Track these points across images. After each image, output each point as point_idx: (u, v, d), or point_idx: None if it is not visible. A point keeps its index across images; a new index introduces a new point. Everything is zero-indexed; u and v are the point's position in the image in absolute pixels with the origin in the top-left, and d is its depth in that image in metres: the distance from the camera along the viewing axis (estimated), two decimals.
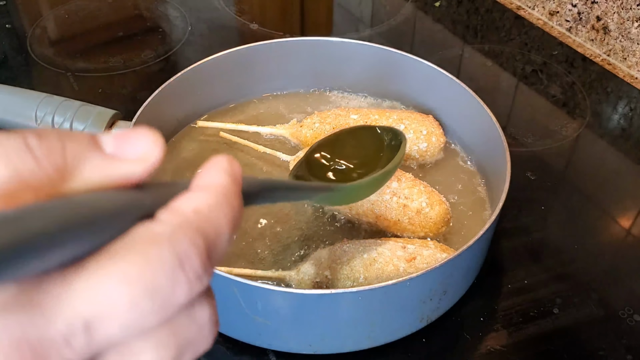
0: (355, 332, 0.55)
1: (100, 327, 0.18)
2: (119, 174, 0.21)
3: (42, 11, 1.07)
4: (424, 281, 0.52)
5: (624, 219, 0.73)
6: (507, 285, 0.64)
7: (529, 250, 0.68)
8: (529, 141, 0.82)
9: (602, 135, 0.85)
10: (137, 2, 1.09)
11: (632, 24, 0.91)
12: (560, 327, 0.60)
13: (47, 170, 0.19)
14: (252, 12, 1.07)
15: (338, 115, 0.72)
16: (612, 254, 0.70)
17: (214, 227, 0.21)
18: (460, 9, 1.09)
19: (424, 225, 0.63)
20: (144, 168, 0.22)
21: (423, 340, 0.59)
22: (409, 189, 0.63)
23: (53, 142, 0.20)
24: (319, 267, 0.57)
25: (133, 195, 0.21)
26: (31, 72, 0.95)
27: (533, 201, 0.74)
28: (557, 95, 0.90)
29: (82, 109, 0.65)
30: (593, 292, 0.64)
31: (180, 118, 0.75)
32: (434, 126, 0.71)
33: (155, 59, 0.95)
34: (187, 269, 0.20)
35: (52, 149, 0.20)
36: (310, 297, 0.51)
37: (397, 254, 0.57)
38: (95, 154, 0.21)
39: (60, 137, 0.20)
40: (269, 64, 0.80)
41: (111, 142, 0.22)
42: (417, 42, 1.03)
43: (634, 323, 0.61)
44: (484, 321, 0.61)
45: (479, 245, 0.56)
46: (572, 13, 1.00)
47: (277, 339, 0.55)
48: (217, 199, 0.22)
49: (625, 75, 0.94)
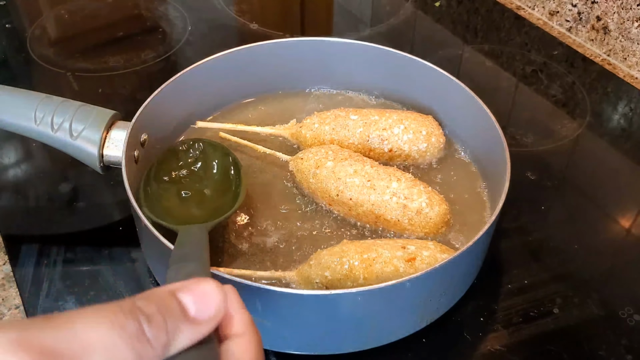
0: (355, 332, 0.55)
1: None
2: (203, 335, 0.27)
3: (42, 11, 1.07)
4: (423, 282, 0.52)
5: (624, 219, 0.73)
6: (507, 285, 0.64)
7: (529, 250, 0.68)
8: (529, 141, 0.82)
9: (602, 135, 0.85)
10: (137, 2, 1.09)
11: (632, 24, 0.91)
12: (560, 327, 0.60)
13: (157, 351, 0.25)
14: (252, 12, 1.07)
15: (338, 116, 0.72)
16: (612, 254, 0.70)
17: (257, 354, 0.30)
18: (460, 9, 1.09)
19: (424, 226, 0.63)
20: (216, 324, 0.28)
21: (423, 340, 0.59)
22: (409, 189, 0.63)
23: (160, 323, 0.25)
24: (319, 267, 0.57)
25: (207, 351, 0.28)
26: (31, 72, 0.95)
27: (533, 201, 0.74)
28: (557, 95, 0.90)
29: (81, 109, 0.65)
30: (593, 292, 0.64)
31: (180, 118, 0.75)
32: (434, 126, 0.71)
33: (155, 59, 0.95)
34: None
35: (159, 330, 0.25)
36: (310, 298, 0.51)
37: (397, 254, 0.57)
38: (185, 324, 0.27)
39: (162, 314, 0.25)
40: (269, 64, 0.80)
41: (192, 303, 0.27)
42: (417, 42, 1.03)
43: (634, 323, 0.61)
44: (484, 321, 0.61)
45: (479, 245, 0.56)
46: (572, 13, 1.00)
47: (277, 340, 0.55)
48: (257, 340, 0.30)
49: (625, 75, 0.94)
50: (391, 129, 0.70)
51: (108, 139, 0.64)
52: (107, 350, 0.23)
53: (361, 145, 0.71)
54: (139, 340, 0.24)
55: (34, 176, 0.78)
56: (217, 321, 0.28)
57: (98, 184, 0.74)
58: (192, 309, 0.27)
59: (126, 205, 0.59)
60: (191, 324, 0.27)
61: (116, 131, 0.64)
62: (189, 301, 0.27)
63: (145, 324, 0.25)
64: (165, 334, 0.25)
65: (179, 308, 0.27)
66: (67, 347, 0.22)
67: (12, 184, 0.77)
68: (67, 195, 0.74)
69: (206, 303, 0.28)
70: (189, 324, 0.27)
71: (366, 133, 0.70)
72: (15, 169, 0.79)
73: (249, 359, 0.29)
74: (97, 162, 0.64)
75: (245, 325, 0.30)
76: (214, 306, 0.28)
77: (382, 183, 0.63)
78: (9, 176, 0.78)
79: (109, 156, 0.64)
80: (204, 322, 0.27)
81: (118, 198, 0.73)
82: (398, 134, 0.70)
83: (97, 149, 0.64)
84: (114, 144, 0.64)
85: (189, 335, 0.27)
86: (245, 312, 0.31)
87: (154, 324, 0.25)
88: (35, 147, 0.79)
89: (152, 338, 0.25)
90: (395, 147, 0.70)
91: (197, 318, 0.27)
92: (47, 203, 0.74)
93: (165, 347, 0.25)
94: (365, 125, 0.71)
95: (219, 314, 0.28)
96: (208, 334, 0.28)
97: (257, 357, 0.30)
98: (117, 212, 0.71)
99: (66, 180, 0.76)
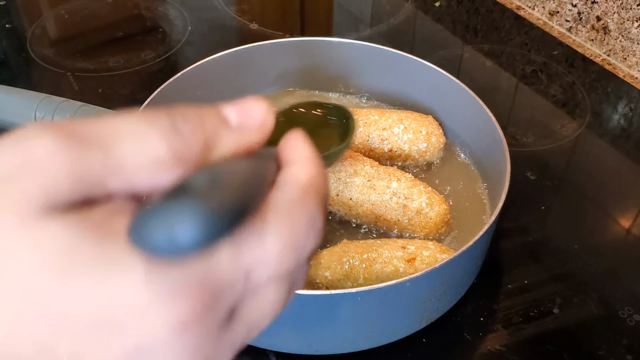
0: (355, 332, 0.55)
1: (254, 274, 0.23)
2: (246, 143, 0.25)
3: (42, 11, 1.07)
4: (423, 282, 0.52)
5: (624, 219, 0.73)
6: (507, 285, 0.64)
7: (529, 250, 0.68)
8: (529, 141, 0.82)
9: (602, 135, 0.85)
10: (137, 2, 1.09)
11: (632, 24, 0.91)
12: (560, 327, 0.60)
13: (193, 148, 0.23)
14: (252, 12, 1.07)
15: None
16: (612, 254, 0.69)
17: (324, 190, 0.26)
18: (460, 9, 1.09)
19: (424, 226, 0.63)
20: (264, 135, 0.26)
21: (423, 340, 0.59)
22: (409, 189, 0.63)
23: (196, 121, 0.23)
24: (319, 267, 0.57)
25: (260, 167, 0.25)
26: (31, 72, 0.95)
27: (533, 201, 0.74)
28: (557, 95, 0.90)
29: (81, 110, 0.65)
30: (593, 292, 0.64)
31: None
32: (433, 126, 0.71)
33: (155, 59, 0.95)
34: (316, 226, 0.25)
35: (196, 128, 0.23)
36: (310, 298, 0.51)
37: (397, 254, 0.57)
38: (226, 129, 0.24)
39: (199, 117, 0.23)
40: (269, 64, 0.80)
41: (234, 114, 0.25)
42: (417, 42, 1.03)
43: (634, 323, 0.61)
44: (484, 321, 0.61)
45: (479, 245, 0.56)
46: (572, 13, 1.00)
47: (277, 340, 0.55)
48: (319, 169, 0.26)
49: (625, 75, 0.94)
50: (391, 129, 0.70)
51: None
52: (138, 137, 0.21)
53: (361, 145, 0.71)
54: (172, 132, 0.22)
55: None
56: (263, 131, 0.26)
57: None
58: (235, 118, 0.25)
59: None
60: (233, 130, 0.25)
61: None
62: (231, 112, 0.25)
63: (180, 120, 0.23)
64: (202, 132, 0.23)
65: (220, 115, 0.25)
66: (97, 132, 0.21)
67: None
68: None
69: (249, 113, 0.26)
70: (231, 130, 0.25)
71: (366, 133, 0.70)
72: None
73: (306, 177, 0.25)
74: None
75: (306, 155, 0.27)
76: (259, 115, 0.26)
77: (382, 183, 0.63)
78: None
79: None
80: (247, 130, 0.25)
81: None
82: (398, 134, 0.70)
83: None
84: None
85: (231, 141, 0.24)
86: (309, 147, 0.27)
87: (190, 121, 0.23)
88: None
89: (188, 133, 0.22)
90: (395, 147, 0.70)
91: (239, 126, 0.25)
92: None
93: (204, 147, 0.23)
94: (365, 125, 0.71)
95: (265, 124, 0.26)
96: (254, 144, 0.25)
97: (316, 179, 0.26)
98: None
99: None
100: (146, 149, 0.21)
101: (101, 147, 0.21)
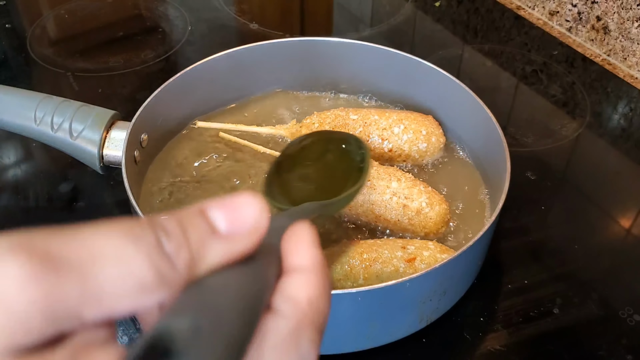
0: (355, 332, 0.55)
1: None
2: (237, 253, 0.23)
3: (42, 11, 1.07)
4: (423, 282, 0.52)
5: (624, 219, 0.73)
6: (507, 285, 0.64)
7: (529, 250, 0.68)
8: (529, 141, 0.82)
9: (602, 135, 0.85)
10: (137, 2, 1.09)
11: (632, 24, 0.91)
12: (560, 327, 0.60)
13: (180, 269, 0.21)
14: (252, 12, 1.07)
15: (337, 116, 0.72)
16: (612, 254, 0.69)
17: (324, 315, 0.24)
18: (460, 9, 1.09)
19: (424, 225, 0.63)
20: (256, 240, 0.23)
21: (423, 340, 0.59)
22: (409, 189, 0.63)
23: (179, 238, 0.21)
24: None
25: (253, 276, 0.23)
26: (31, 72, 0.95)
27: (533, 201, 0.74)
28: (557, 95, 0.90)
29: (81, 110, 0.65)
30: (593, 292, 0.64)
31: (180, 118, 0.75)
32: (433, 126, 0.71)
33: (155, 59, 0.95)
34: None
35: (180, 246, 0.21)
36: None
37: (397, 254, 0.57)
38: (214, 240, 0.22)
39: (182, 229, 0.21)
40: (269, 64, 0.80)
41: (222, 219, 0.23)
42: (417, 42, 1.03)
43: (634, 323, 0.61)
44: (484, 321, 0.61)
45: (479, 245, 0.56)
46: (572, 13, 1.00)
47: None
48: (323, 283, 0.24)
49: (625, 75, 0.94)
50: (391, 128, 0.70)
51: (108, 139, 0.64)
52: (121, 261, 0.19)
53: None
54: (157, 252, 0.20)
55: (34, 176, 0.78)
56: (256, 236, 0.23)
57: (98, 184, 0.74)
58: (222, 224, 0.23)
59: (126, 205, 0.59)
60: (221, 239, 0.22)
61: (116, 131, 0.64)
62: (218, 216, 0.23)
63: (163, 238, 0.21)
64: (187, 250, 0.21)
65: (205, 223, 0.22)
66: (75, 255, 0.19)
67: (12, 184, 0.77)
68: (67, 195, 0.74)
69: (240, 216, 0.23)
70: (218, 239, 0.22)
71: (366, 133, 0.70)
72: (15, 169, 0.79)
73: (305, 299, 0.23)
74: (97, 162, 0.64)
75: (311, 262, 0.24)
76: (250, 218, 0.23)
77: (382, 183, 0.63)
78: (9, 176, 0.78)
79: (109, 156, 0.64)
80: (237, 238, 0.23)
81: (118, 198, 0.73)
82: (398, 134, 0.70)
83: (97, 149, 0.64)
84: (114, 144, 0.64)
85: (220, 252, 0.22)
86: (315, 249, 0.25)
87: (173, 238, 0.21)
88: (35, 147, 0.79)
89: (172, 253, 0.21)
90: (395, 147, 0.70)
91: (229, 234, 0.23)
92: (47, 203, 0.74)
93: (190, 266, 0.21)
94: (365, 125, 0.71)
95: (258, 227, 0.23)
96: (246, 251, 0.23)
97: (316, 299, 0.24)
98: (117, 212, 0.71)
99: (66, 180, 0.76)
100: (130, 274, 0.19)
101: (80, 274, 0.19)
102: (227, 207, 0.23)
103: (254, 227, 0.23)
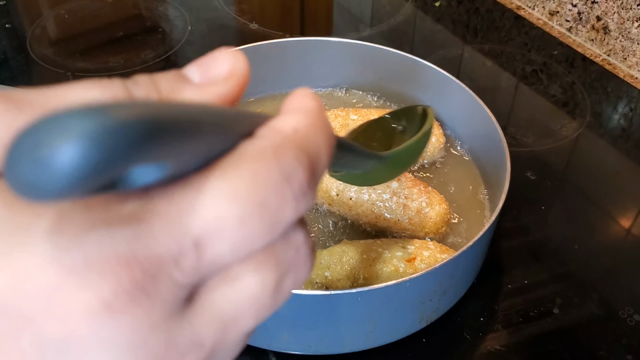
0: (355, 332, 0.55)
1: (210, 247, 0.17)
2: (215, 97, 0.21)
3: (42, 11, 1.07)
4: (423, 282, 0.52)
5: (624, 219, 0.73)
6: (507, 285, 0.64)
7: (529, 250, 0.68)
8: (529, 141, 0.82)
9: (602, 135, 0.85)
10: (137, 2, 1.09)
11: (632, 24, 0.91)
12: (560, 327, 0.60)
13: None
14: (252, 12, 1.07)
15: (337, 116, 0.72)
16: (612, 254, 0.69)
17: (313, 146, 0.20)
18: (460, 9, 1.09)
19: (424, 225, 0.63)
20: (236, 83, 0.22)
21: (423, 340, 0.59)
22: (409, 189, 0.63)
23: (149, 85, 0.20)
24: (319, 267, 0.57)
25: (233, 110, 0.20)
26: (31, 72, 0.95)
27: (533, 201, 0.74)
28: (557, 95, 0.90)
29: None
30: (593, 292, 0.64)
31: None
32: (433, 126, 0.71)
33: (155, 59, 0.95)
34: (294, 185, 0.19)
35: (149, 92, 0.20)
36: (310, 298, 0.51)
37: (397, 254, 0.57)
38: (186, 86, 0.21)
39: (152, 80, 0.20)
40: (269, 64, 0.80)
41: (196, 71, 0.22)
42: (417, 42, 1.03)
43: (634, 323, 0.61)
44: (484, 321, 0.61)
45: (479, 245, 0.56)
46: (572, 13, 1.00)
47: (277, 340, 0.55)
48: (313, 120, 0.21)
49: (625, 75, 0.94)
50: None
51: None
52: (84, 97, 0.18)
53: None
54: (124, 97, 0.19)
55: None
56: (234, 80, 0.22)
57: None
58: (195, 75, 0.21)
59: None
60: (193, 86, 0.21)
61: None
62: (193, 71, 0.22)
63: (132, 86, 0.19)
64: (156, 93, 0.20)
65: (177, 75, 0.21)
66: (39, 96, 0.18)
67: None
68: None
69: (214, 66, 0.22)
70: (190, 86, 0.21)
71: None
72: None
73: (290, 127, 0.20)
74: None
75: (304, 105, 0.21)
76: (225, 65, 0.22)
77: None
78: None
79: None
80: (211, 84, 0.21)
81: None
82: None
83: None
84: None
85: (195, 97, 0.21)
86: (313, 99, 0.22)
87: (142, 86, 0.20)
88: None
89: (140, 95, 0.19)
90: None
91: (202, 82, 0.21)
92: None
93: None
94: None
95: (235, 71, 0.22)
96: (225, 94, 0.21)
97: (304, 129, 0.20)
98: None
99: None
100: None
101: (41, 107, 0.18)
102: (201, 62, 0.22)
103: (229, 73, 0.22)
